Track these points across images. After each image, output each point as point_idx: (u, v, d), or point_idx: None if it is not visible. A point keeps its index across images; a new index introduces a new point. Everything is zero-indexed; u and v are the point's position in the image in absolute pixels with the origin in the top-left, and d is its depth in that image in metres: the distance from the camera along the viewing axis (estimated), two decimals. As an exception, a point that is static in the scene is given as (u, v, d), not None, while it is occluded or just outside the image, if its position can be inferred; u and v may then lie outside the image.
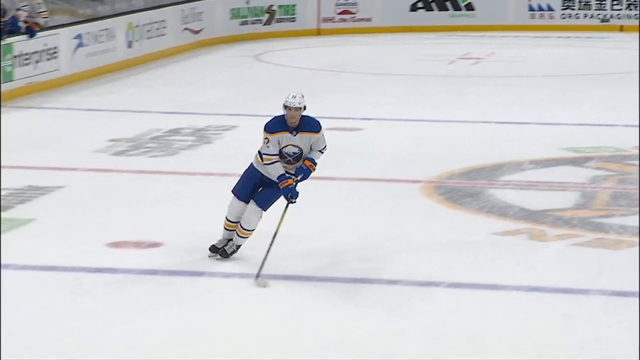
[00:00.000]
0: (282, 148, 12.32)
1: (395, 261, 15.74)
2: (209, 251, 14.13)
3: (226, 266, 14.98)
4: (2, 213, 18.29)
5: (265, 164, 12.61)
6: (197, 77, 41.26)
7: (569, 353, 12.03)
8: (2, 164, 21.61)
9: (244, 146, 21.83)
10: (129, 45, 43.25)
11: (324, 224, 17.86)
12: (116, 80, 38.29)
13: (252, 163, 12.97)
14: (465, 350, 11.91)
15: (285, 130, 12.36)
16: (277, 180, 12.60)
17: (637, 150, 24.22)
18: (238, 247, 13.76)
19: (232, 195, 13.39)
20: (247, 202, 13.16)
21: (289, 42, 52.48)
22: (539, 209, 19.00)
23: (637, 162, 23.60)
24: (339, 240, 16.62)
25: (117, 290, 13.87)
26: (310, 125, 12.49)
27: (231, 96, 35.75)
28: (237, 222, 13.55)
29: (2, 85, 31.74)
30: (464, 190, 21.21)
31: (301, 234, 16.31)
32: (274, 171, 12.40)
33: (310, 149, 12.77)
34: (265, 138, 12.43)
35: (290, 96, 12.28)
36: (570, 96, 34.97)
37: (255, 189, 13.22)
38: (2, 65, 32.29)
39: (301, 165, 12.78)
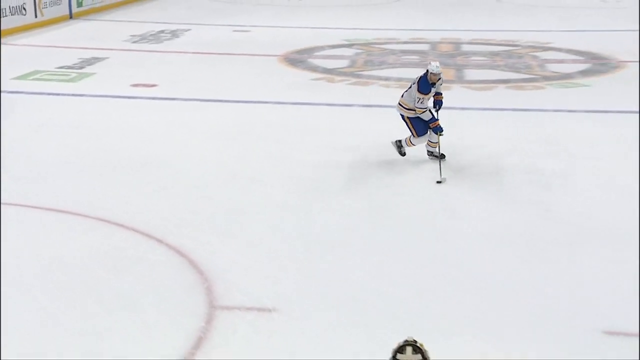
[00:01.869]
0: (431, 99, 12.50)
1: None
2: (400, 151, 13.67)
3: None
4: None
5: (420, 114, 12.80)
6: None
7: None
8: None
9: None
10: None
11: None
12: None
13: (413, 116, 13.05)
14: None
15: (432, 89, 12.61)
16: (429, 121, 12.90)
17: (379, 41, 27.19)
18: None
19: (418, 137, 13.34)
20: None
21: None
22: (331, 68, 22.46)
23: (379, 46, 26.51)
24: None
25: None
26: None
27: None
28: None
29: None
30: (298, 59, 23.89)
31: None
32: (428, 115, 12.51)
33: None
34: (422, 98, 12.60)
35: (436, 66, 12.53)
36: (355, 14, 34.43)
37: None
38: None
39: (437, 100, 13.04)
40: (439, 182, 12.01)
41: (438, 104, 12.05)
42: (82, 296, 9.11)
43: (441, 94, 12.11)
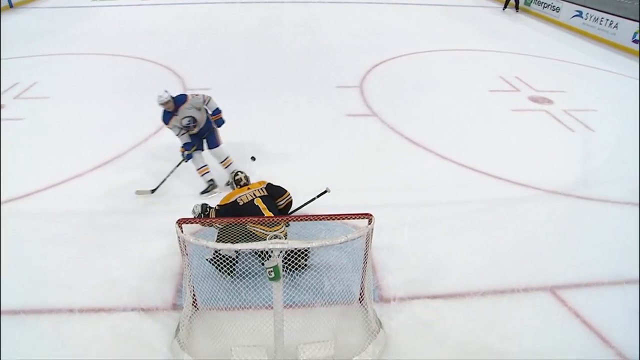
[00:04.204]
0: (182, 123, 5.45)
1: None
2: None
3: None
4: None
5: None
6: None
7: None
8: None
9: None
10: None
11: None
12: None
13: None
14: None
15: (172, 116, 5.39)
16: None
17: None
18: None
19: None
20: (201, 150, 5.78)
21: None
22: None
23: None
24: None
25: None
26: (179, 100, 5.44)
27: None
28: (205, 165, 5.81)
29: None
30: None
31: None
32: (184, 140, 5.54)
33: (205, 108, 5.66)
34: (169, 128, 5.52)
35: (157, 96, 5.28)
36: None
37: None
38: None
39: (216, 120, 5.72)
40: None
41: (218, 122, 5.76)
42: (117, 89, 8.68)
43: (219, 112, 5.71)
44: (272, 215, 4.31)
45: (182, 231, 3.50)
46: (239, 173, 4.96)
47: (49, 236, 4.91)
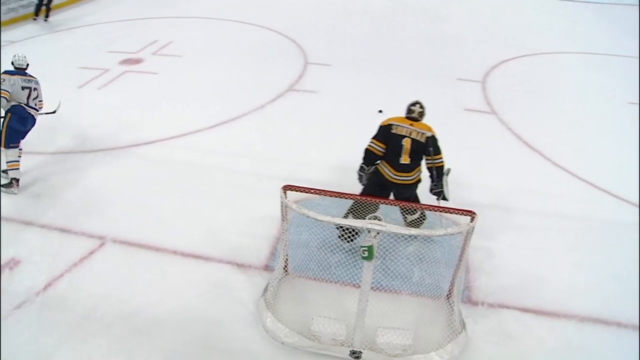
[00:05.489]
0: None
1: None
2: None
3: None
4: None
5: None
6: None
7: None
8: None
9: None
10: None
11: None
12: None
13: None
14: None
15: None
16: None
17: None
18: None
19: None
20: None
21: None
22: None
23: None
24: None
25: None
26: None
27: None
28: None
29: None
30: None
31: None
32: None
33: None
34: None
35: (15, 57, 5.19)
36: None
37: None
38: None
39: None
40: None
41: None
42: (243, 55, 8.86)
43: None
44: (408, 163, 4.25)
45: (285, 197, 3.62)
46: (416, 104, 4.48)
47: (167, 182, 5.32)
